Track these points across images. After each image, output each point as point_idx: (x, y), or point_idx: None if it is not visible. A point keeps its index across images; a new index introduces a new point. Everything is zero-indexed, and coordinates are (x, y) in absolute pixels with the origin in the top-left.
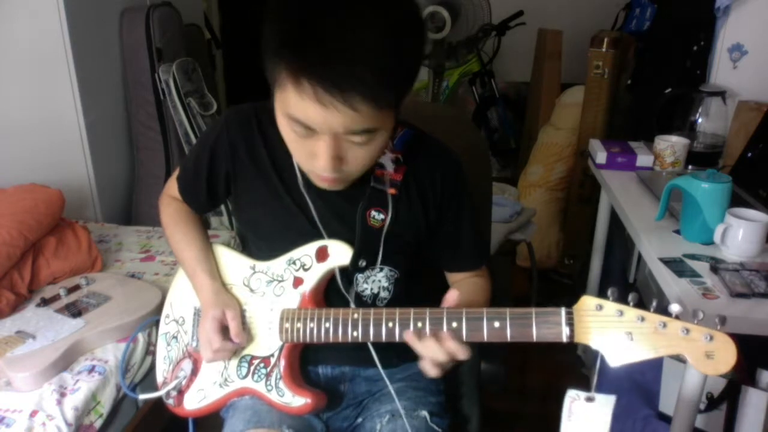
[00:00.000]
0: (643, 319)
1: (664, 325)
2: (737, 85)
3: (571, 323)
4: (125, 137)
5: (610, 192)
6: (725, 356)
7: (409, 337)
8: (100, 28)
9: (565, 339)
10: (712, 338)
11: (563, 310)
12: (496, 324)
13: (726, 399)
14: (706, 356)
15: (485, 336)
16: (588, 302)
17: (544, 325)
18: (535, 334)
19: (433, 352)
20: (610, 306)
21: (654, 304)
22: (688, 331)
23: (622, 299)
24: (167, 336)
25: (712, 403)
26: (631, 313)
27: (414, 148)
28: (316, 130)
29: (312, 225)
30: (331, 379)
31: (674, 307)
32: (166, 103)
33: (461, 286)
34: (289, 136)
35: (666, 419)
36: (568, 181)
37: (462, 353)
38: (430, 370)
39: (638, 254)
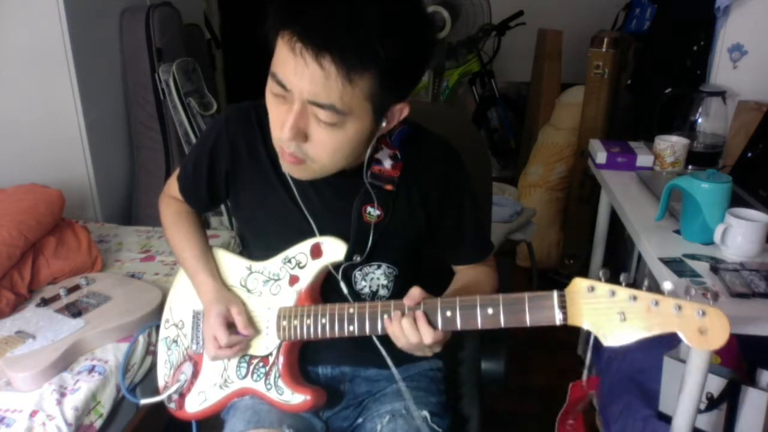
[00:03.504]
0: (635, 298)
1: (657, 303)
2: (737, 85)
3: (563, 306)
4: (125, 137)
5: (610, 192)
6: (718, 331)
7: (396, 316)
8: (100, 28)
9: (558, 322)
10: (704, 314)
11: (555, 293)
12: (490, 311)
13: (726, 399)
14: (699, 332)
15: (479, 323)
16: (580, 284)
17: (537, 310)
18: (528, 318)
19: (408, 333)
20: (602, 287)
21: (646, 283)
22: (680, 307)
23: (613, 280)
24: (167, 340)
25: (712, 403)
26: (623, 292)
27: (412, 144)
28: (289, 91)
29: (307, 221)
30: (331, 379)
31: (667, 285)
32: (166, 103)
33: (467, 273)
34: (269, 103)
35: (666, 419)
36: (568, 181)
37: (428, 337)
38: (397, 343)
39: (638, 254)
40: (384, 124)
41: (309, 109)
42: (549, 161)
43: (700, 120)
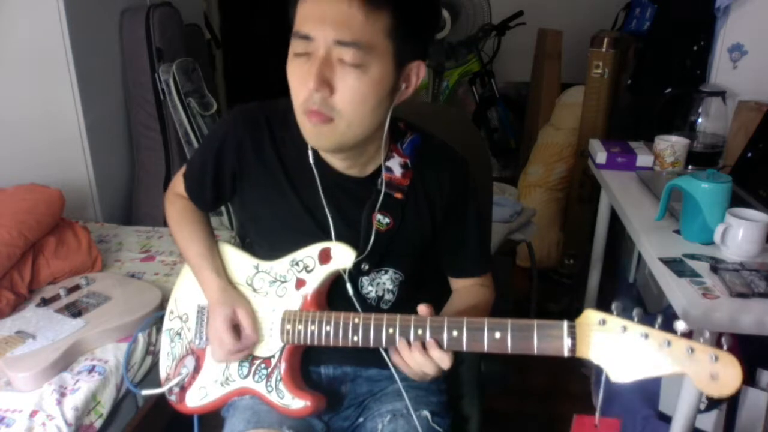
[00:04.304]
0: (647, 336)
1: (669, 343)
2: (737, 85)
3: (573, 337)
4: (125, 137)
5: (610, 192)
6: (730, 378)
7: (402, 346)
8: (100, 28)
9: (566, 353)
10: (717, 359)
11: (565, 324)
12: (497, 335)
13: (726, 399)
14: (710, 377)
15: (485, 346)
16: (591, 316)
17: (546, 338)
18: (536, 346)
19: (421, 364)
20: (614, 321)
21: (659, 320)
22: (693, 350)
23: (626, 311)
24: (171, 332)
25: (712, 403)
26: (636, 329)
27: (422, 152)
28: (313, 39)
29: (316, 226)
30: (332, 379)
31: (680, 325)
32: (166, 103)
33: (463, 293)
34: (292, 70)
35: (666, 419)
36: (568, 181)
37: (446, 362)
38: (405, 370)
39: (638, 254)
40: (403, 87)
41: (334, 53)
42: (549, 161)
43: (700, 120)
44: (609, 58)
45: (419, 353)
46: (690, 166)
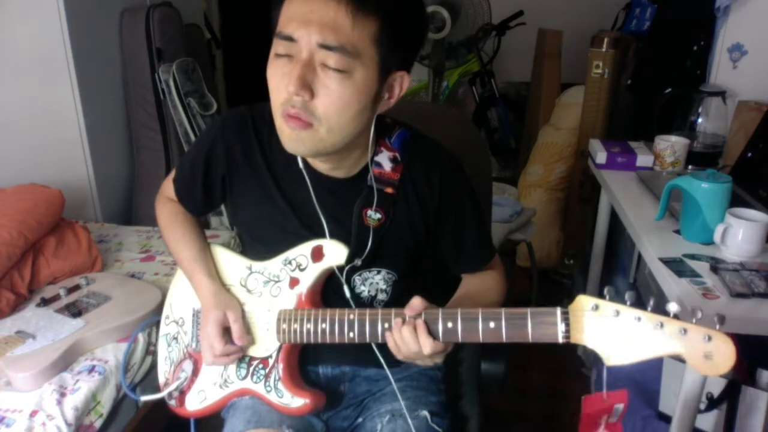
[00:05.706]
0: (640, 319)
1: (662, 325)
2: (737, 85)
3: (566, 323)
4: (125, 137)
5: (610, 192)
6: (724, 357)
7: (397, 324)
8: (100, 28)
9: (560, 339)
10: (710, 339)
11: (559, 310)
12: (492, 324)
13: (726, 399)
14: (704, 357)
15: (480, 336)
16: (584, 302)
17: (540, 326)
18: (530, 334)
19: (407, 341)
20: (607, 306)
21: (651, 303)
22: (686, 331)
23: (619, 298)
24: (168, 337)
25: (712, 403)
26: (628, 312)
27: (412, 147)
28: (296, 41)
29: (306, 226)
30: (331, 379)
31: (672, 306)
32: (166, 103)
33: (473, 278)
34: (272, 72)
35: (666, 419)
36: (568, 181)
37: (428, 348)
38: (398, 355)
39: (638, 254)
40: (386, 97)
41: (317, 57)
42: (549, 161)
43: (700, 120)
44: (609, 58)
45: (408, 330)
46: (690, 166)
